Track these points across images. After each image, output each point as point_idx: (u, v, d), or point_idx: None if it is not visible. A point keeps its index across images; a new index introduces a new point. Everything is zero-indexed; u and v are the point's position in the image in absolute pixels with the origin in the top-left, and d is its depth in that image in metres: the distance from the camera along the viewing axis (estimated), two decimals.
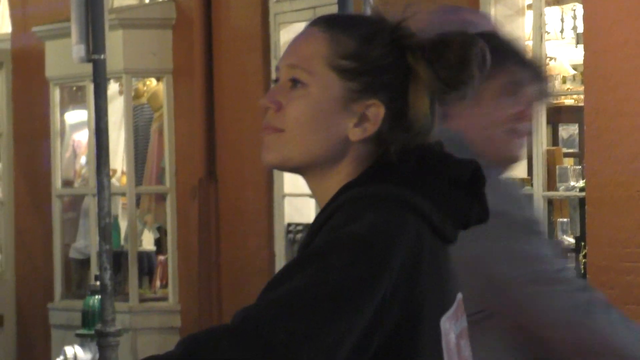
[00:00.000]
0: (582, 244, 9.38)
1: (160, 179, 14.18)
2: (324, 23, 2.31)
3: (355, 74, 2.25)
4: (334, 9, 9.30)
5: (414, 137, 2.26)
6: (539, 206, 9.61)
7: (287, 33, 12.32)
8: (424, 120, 2.25)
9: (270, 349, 2.08)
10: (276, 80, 2.35)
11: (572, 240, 9.69)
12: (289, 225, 12.59)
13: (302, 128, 2.29)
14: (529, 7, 10.28)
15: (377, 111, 2.22)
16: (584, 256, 9.24)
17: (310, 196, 3.32)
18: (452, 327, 2.33)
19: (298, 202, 12.42)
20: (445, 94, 2.24)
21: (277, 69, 2.38)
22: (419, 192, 2.24)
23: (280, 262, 11.98)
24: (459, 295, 2.32)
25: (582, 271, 9.26)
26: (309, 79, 2.25)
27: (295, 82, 2.25)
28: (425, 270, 2.21)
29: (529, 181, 9.66)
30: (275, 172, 12.35)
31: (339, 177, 2.26)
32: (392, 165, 2.25)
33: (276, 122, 2.28)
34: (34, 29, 14.31)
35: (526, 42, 10.07)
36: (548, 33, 10.24)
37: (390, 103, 2.22)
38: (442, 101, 2.29)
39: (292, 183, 11.94)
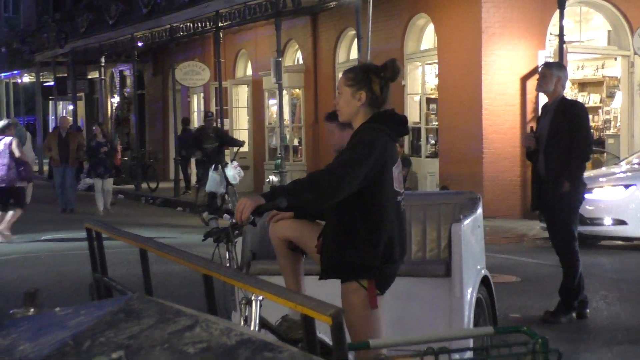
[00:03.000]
0: None
1: (299, 121, 23.37)
2: (349, 70, 4.56)
3: (352, 85, 4.49)
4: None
5: (381, 107, 4.25)
6: None
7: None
8: (381, 97, 4.33)
9: (338, 176, 4.07)
10: (338, 92, 4.59)
11: None
12: None
13: (343, 108, 4.55)
14: None
15: (362, 94, 4.42)
16: None
17: None
18: (396, 169, 4.38)
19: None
20: (385, 87, 4.30)
21: (338, 88, 4.60)
22: (386, 125, 4.33)
23: None
24: (395, 159, 4.29)
25: None
26: (343, 92, 4.51)
27: (340, 93, 4.49)
28: (388, 151, 4.31)
29: None
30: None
31: (358, 122, 4.43)
32: (377, 116, 4.36)
33: (337, 106, 4.56)
34: (259, 72, 24.41)
35: None
36: None
37: (367, 91, 4.42)
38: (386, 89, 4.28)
39: None
